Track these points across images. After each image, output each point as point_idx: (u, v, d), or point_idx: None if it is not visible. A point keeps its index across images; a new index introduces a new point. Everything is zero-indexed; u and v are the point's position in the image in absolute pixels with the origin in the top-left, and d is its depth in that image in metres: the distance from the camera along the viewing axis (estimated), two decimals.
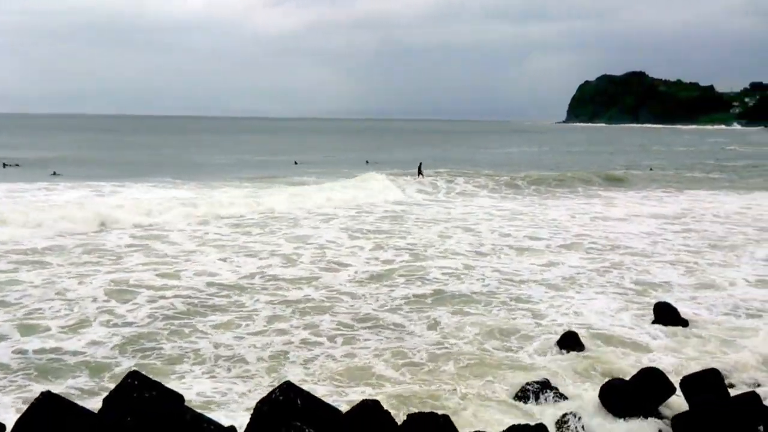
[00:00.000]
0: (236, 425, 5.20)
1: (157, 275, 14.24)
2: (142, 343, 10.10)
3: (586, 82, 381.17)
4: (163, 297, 12.52)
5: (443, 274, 14.82)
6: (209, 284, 13.58)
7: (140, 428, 4.37)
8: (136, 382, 4.54)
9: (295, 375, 8.68)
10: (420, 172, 37.19)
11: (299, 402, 5.45)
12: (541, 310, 12.08)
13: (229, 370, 9.03)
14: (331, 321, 11.31)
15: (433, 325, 11.19)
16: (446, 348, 10.08)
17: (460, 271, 15.02)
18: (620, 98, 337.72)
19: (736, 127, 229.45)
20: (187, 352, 9.73)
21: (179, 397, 4.83)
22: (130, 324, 10.96)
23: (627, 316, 11.62)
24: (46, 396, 4.14)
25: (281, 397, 5.35)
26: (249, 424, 5.11)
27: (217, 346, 9.95)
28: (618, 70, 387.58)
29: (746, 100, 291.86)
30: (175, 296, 12.61)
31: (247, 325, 11.00)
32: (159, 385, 4.69)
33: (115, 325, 10.91)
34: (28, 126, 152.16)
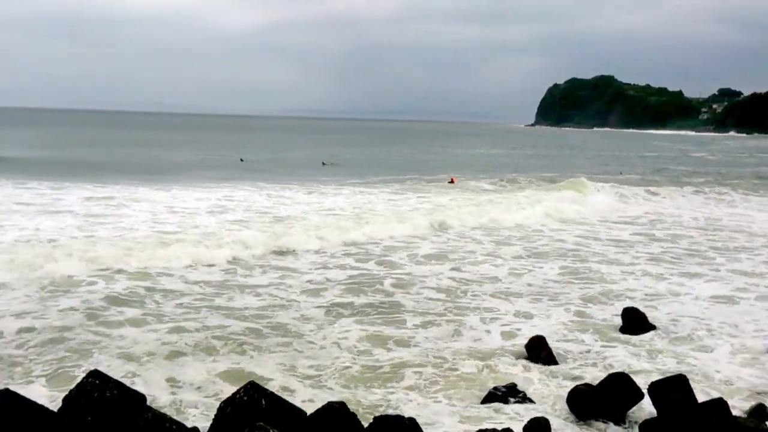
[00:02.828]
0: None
1: None
2: None
3: (555, 85, 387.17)
4: None
5: None
6: None
7: (101, 428, 4.37)
8: (97, 381, 4.53)
9: None
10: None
11: (263, 402, 5.48)
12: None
13: None
14: None
15: None
16: None
17: None
18: (589, 102, 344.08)
19: (705, 133, 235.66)
20: None
21: (141, 397, 4.84)
22: None
23: (594, 321, 11.92)
24: (4, 393, 4.11)
25: (245, 398, 5.37)
26: (212, 425, 5.12)
27: None
28: (587, 74, 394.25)
29: (714, 106, 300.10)
30: None
31: None
32: (121, 385, 4.69)
33: None
34: None
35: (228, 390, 8.00)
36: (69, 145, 68.40)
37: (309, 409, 6.48)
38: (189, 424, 5.14)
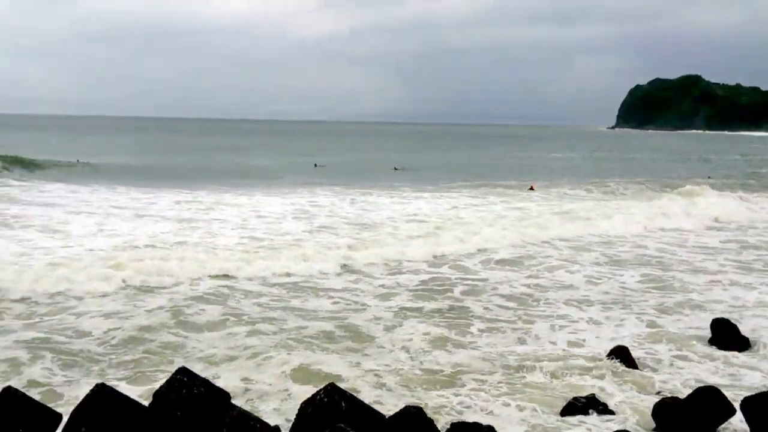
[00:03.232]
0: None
1: None
2: None
3: (637, 86, 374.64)
4: None
5: None
6: None
7: (188, 424, 4.54)
8: (185, 378, 4.71)
9: None
10: None
11: (343, 404, 5.59)
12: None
13: None
14: None
15: None
16: None
17: None
18: (673, 103, 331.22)
19: None
20: None
21: (226, 395, 5.00)
22: None
23: (681, 333, 11.48)
24: (101, 387, 4.33)
25: (325, 399, 5.50)
26: (294, 425, 5.27)
27: None
28: (671, 74, 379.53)
29: None
30: None
31: None
32: (207, 382, 4.86)
33: None
34: (67, 127, 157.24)
35: (297, 390, 8.21)
36: (155, 152, 71.45)
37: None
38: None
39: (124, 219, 22.86)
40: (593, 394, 8.38)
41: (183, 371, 4.95)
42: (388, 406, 7.80)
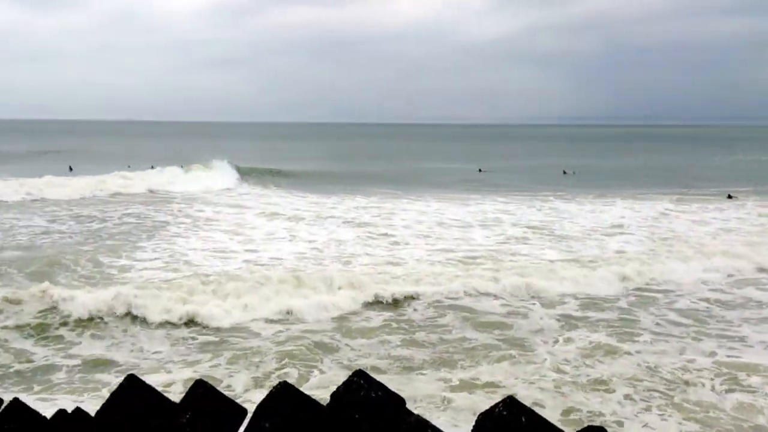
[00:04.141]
0: None
1: None
2: None
3: None
4: None
5: None
6: None
7: (366, 426, 4.51)
8: (362, 381, 4.70)
9: None
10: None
11: (523, 419, 5.30)
12: None
13: None
14: None
15: None
16: None
17: None
18: None
19: None
20: None
21: (401, 401, 4.93)
22: None
23: None
24: (283, 385, 4.43)
25: (504, 413, 5.25)
26: None
27: None
28: None
29: None
30: None
31: None
32: (383, 386, 4.82)
33: None
34: (258, 134, 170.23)
35: (459, 399, 8.06)
36: (339, 158, 75.00)
37: None
38: None
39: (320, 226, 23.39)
40: None
41: (359, 374, 4.96)
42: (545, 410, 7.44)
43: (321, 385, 9.48)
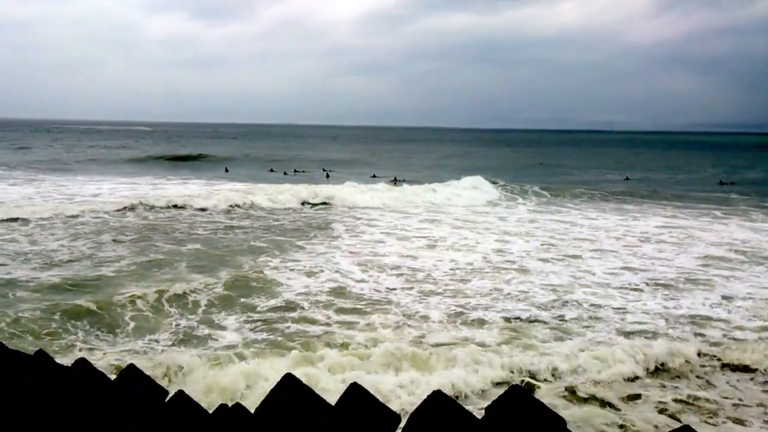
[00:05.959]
0: None
1: None
2: None
3: None
4: None
5: None
6: None
7: None
8: (521, 398, 4.52)
9: None
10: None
11: None
12: None
13: None
14: None
15: None
16: None
17: None
18: None
19: None
20: None
21: (562, 422, 4.69)
22: None
23: None
24: (436, 394, 4.36)
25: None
26: None
27: None
28: None
29: None
30: None
31: None
32: (543, 406, 4.62)
33: None
34: (443, 140, 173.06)
35: None
36: (568, 166, 74.06)
37: None
38: None
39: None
40: None
41: (515, 389, 4.78)
42: None
43: None
